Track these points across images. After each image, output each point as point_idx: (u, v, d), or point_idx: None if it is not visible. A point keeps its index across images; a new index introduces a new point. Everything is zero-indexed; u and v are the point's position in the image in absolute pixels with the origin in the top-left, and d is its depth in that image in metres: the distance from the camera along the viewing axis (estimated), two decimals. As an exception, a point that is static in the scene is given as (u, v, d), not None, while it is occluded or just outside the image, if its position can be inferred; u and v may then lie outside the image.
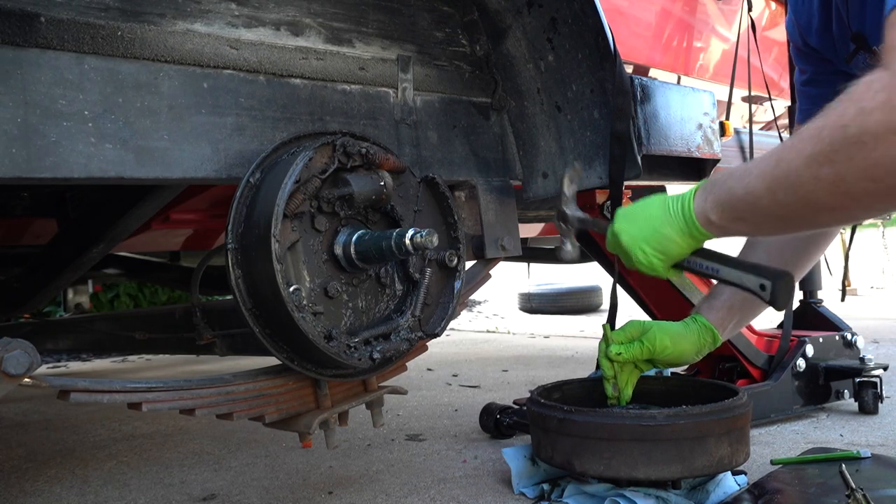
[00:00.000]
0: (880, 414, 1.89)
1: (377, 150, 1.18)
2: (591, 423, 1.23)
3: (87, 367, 4.07)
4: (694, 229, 1.15)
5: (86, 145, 0.98)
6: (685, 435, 1.19)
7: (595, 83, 1.38)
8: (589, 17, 1.33)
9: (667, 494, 1.21)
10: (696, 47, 2.24)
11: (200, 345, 1.54)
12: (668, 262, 1.20)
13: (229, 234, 1.09)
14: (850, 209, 0.99)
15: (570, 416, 1.25)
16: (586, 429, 1.23)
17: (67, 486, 1.59)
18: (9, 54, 0.92)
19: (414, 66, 1.36)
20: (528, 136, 1.51)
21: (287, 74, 1.19)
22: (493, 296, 8.01)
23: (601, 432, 1.21)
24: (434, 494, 1.39)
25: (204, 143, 1.09)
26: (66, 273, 1.74)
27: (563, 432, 1.26)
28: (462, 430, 1.93)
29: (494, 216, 1.45)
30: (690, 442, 1.19)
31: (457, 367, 3.20)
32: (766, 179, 1.02)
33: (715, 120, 1.70)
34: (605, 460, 1.21)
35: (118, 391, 1.00)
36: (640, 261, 1.21)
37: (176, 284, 2.86)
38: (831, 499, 1.18)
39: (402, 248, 1.10)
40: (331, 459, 1.68)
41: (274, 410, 1.17)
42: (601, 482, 1.27)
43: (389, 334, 1.19)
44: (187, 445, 1.92)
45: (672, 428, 1.18)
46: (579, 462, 1.23)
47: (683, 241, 1.17)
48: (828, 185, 0.94)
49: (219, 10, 1.14)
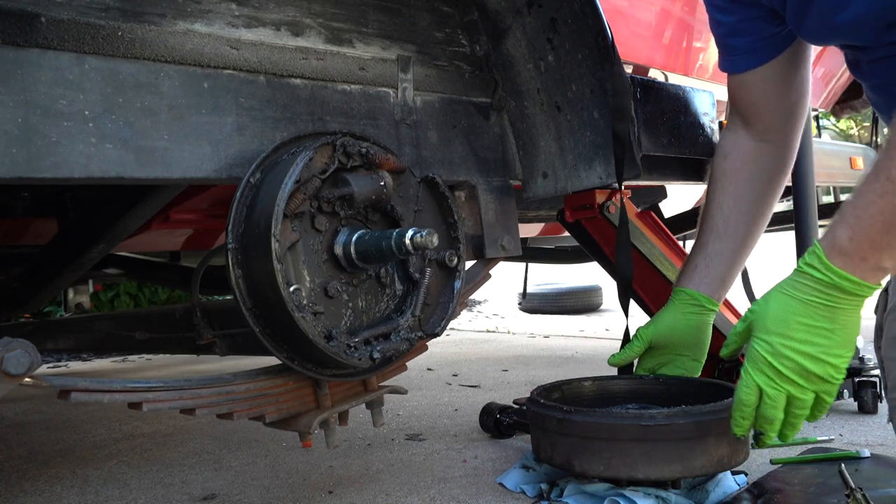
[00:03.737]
0: (879, 413, 1.89)
1: (377, 150, 1.18)
2: (590, 423, 1.23)
3: (88, 367, 4.07)
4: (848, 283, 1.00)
5: (86, 145, 0.98)
6: (685, 435, 1.18)
7: (595, 83, 1.38)
8: (589, 18, 1.33)
9: (667, 494, 1.21)
10: (695, 47, 2.24)
11: (200, 344, 1.54)
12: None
13: (229, 233, 1.09)
14: None
15: (570, 416, 1.24)
16: (586, 429, 1.23)
17: (68, 486, 1.60)
18: (9, 54, 0.92)
19: (414, 66, 1.36)
20: (528, 136, 1.51)
21: (287, 74, 1.19)
22: (493, 296, 8.01)
23: (601, 432, 1.21)
24: (434, 494, 1.39)
25: (204, 143, 1.09)
26: (66, 273, 1.74)
27: (562, 432, 1.26)
28: (462, 429, 1.93)
29: (494, 216, 1.46)
30: (690, 442, 1.19)
31: (457, 367, 3.20)
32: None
33: (715, 120, 1.70)
34: (605, 460, 1.20)
35: (118, 391, 1.00)
36: (820, 375, 1.02)
37: (176, 284, 2.85)
38: (831, 498, 1.18)
39: (402, 248, 1.11)
40: (331, 459, 1.68)
41: (274, 410, 1.17)
42: (601, 482, 1.27)
43: (389, 334, 1.19)
44: (187, 445, 1.92)
45: (672, 428, 1.18)
46: (579, 462, 1.23)
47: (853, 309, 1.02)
48: None
49: (219, 10, 1.14)
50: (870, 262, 0.99)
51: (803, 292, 1.02)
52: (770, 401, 1.03)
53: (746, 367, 1.05)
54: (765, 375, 1.04)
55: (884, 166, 0.99)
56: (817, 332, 1.01)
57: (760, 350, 1.04)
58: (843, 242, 1.00)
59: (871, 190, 0.99)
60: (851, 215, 1.00)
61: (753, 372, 1.05)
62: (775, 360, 1.02)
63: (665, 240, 1.93)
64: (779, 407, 1.04)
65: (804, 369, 1.02)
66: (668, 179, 1.79)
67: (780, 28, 1.29)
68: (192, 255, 2.75)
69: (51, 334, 2.64)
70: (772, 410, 1.04)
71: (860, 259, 0.99)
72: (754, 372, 1.05)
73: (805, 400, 1.04)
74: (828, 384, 1.03)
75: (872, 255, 0.99)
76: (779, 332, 1.02)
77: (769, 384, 1.03)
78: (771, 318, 1.04)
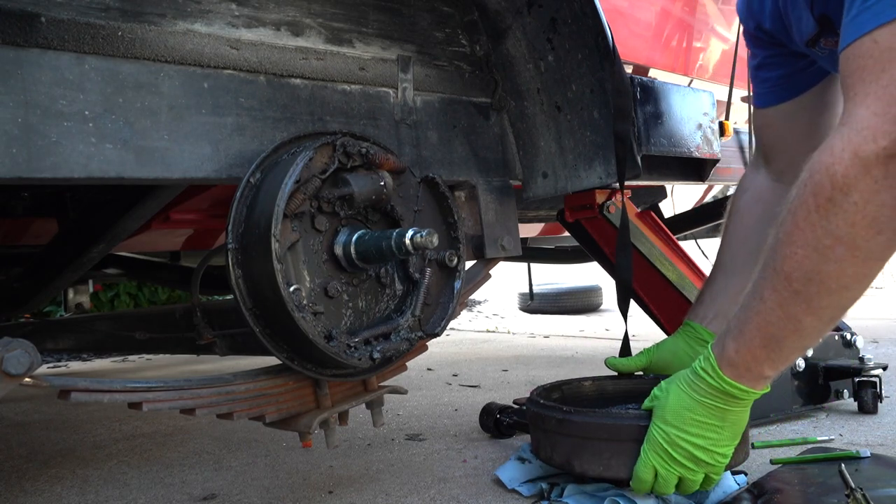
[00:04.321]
0: (879, 413, 1.89)
1: (377, 150, 1.18)
2: (590, 423, 1.22)
3: (88, 367, 4.08)
4: (734, 389, 1.09)
5: (86, 145, 0.98)
6: None
7: (595, 83, 1.38)
8: (589, 18, 1.33)
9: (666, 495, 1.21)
10: (695, 47, 2.24)
11: (200, 344, 1.54)
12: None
13: (229, 233, 1.09)
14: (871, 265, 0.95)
15: (570, 416, 1.24)
16: (585, 429, 1.22)
17: (68, 486, 1.60)
18: (9, 54, 0.92)
19: (414, 66, 1.36)
20: (528, 136, 1.51)
21: (287, 74, 1.19)
22: (493, 296, 8.02)
23: (600, 433, 1.20)
24: (434, 494, 1.39)
25: (204, 143, 1.09)
26: (66, 273, 1.74)
27: (562, 432, 1.25)
28: (462, 429, 1.93)
29: (494, 216, 1.46)
30: None
31: (457, 367, 3.20)
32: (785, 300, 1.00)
33: (715, 120, 1.70)
34: (605, 461, 1.20)
35: (118, 391, 1.00)
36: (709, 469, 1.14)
37: (176, 284, 2.86)
38: (831, 498, 1.18)
39: (402, 248, 1.11)
40: (331, 459, 1.68)
41: (274, 410, 1.17)
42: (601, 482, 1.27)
43: (389, 334, 1.19)
44: (187, 445, 1.92)
45: None
46: (579, 462, 1.23)
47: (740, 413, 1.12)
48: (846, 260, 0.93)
49: (219, 10, 1.14)
50: (754, 372, 1.07)
51: (698, 392, 1.12)
52: (663, 480, 1.14)
53: (645, 448, 1.15)
54: (661, 458, 1.13)
55: (770, 258, 1.01)
56: (708, 428, 1.11)
57: (658, 437, 1.14)
58: (731, 354, 1.08)
59: (756, 293, 1.04)
60: (736, 328, 1.08)
61: (651, 454, 1.14)
62: (671, 448, 1.12)
63: (665, 240, 1.93)
64: (670, 484, 1.14)
65: (695, 457, 1.12)
66: (668, 179, 1.79)
67: (807, 63, 1.30)
68: (192, 255, 2.75)
69: (51, 334, 2.64)
70: (664, 487, 1.14)
71: (745, 369, 1.07)
72: (652, 454, 1.14)
73: (695, 480, 1.14)
74: (715, 468, 1.14)
75: (756, 367, 1.07)
76: (675, 424, 1.12)
77: (664, 467, 1.13)
78: (669, 410, 1.13)
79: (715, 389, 1.10)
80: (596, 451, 1.21)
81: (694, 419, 1.11)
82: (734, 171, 2.15)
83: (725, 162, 2.03)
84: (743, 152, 2.17)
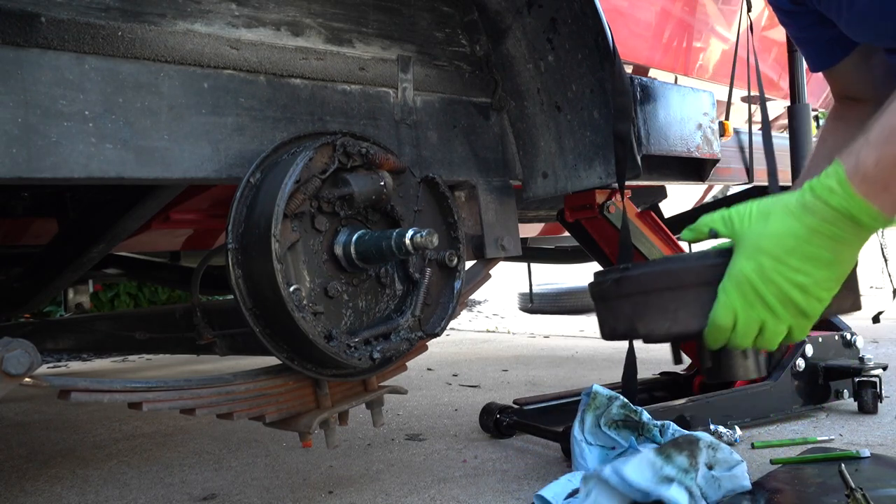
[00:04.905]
0: (879, 413, 1.89)
1: (377, 150, 1.18)
2: (650, 272, 1.03)
3: (88, 367, 4.08)
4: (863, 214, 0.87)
5: (86, 145, 0.98)
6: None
7: (595, 83, 1.38)
8: (589, 18, 1.33)
9: (690, 481, 1.12)
10: (695, 47, 2.24)
11: (200, 345, 1.54)
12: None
13: (229, 233, 1.09)
14: None
15: (627, 272, 1.05)
16: (645, 282, 1.02)
17: (68, 486, 1.60)
18: (9, 54, 0.92)
19: (414, 66, 1.36)
20: (528, 136, 1.51)
21: (287, 74, 1.19)
22: (493, 296, 8.01)
23: (663, 281, 1.00)
24: (434, 494, 1.39)
25: (204, 143, 1.09)
26: (66, 273, 1.74)
27: (621, 294, 1.06)
28: (462, 429, 1.93)
29: (494, 216, 1.46)
30: None
31: (457, 367, 3.20)
32: None
33: (714, 120, 1.70)
34: (672, 314, 1.00)
35: (119, 391, 1.00)
36: (804, 307, 0.91)
37: (176, 284, 2.86)
38: (831, 498, 1.18)
39: (402, 248, 1.11)
40: (331, 459, 1.68)
41: (274, 410, 1.17)
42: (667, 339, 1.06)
43: (389, 334, 1.19)
44: (187, 445, 1.92)
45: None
46: (643, 324, 1.02)
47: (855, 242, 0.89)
48: None
49: (219, 10, 1.14)
50: (892, 191, 0.87)
51: (815, 216, 0.89)
52: (742, 328, 0.94)
53: (726, 286, 0.94)
54: (745, 297, 0.93)
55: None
56: (816, 263, 0.90)
57: (747, 271, 0.92)
58: (868, 165, 0.86)
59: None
60: (880, 135, 0.87)
61: (734, 291, 0.93)
62: (762, 282, 0.91)
63: (665, 240, 1.93)
64: (750, 335, 0.94)
65: (789, 299, 0.91)
66: (668, 179, 1.79)
67: (838, 30, 1.20)
68: (192, 255, 2.76)
69: (51, 334, 2.64)
70: (742, 339, 0.95)
71: (883, 188, 0.86)
72: (734, 292, 0.93)
73: (778, 332, 0.94)
74: (806, 320, 0.93)
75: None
76: (774, 254, 0.91)
77: (747, 309, 0.93)
78: (769, 237, 0.91)
79: (838, 213, 0.88)
80: (660, 305, 1.01)
81: (800, 250, 0.89)
82: (734, 171, 2.15)
83: (725, 162, 2.03)
84: (743, 152, 2.17)
